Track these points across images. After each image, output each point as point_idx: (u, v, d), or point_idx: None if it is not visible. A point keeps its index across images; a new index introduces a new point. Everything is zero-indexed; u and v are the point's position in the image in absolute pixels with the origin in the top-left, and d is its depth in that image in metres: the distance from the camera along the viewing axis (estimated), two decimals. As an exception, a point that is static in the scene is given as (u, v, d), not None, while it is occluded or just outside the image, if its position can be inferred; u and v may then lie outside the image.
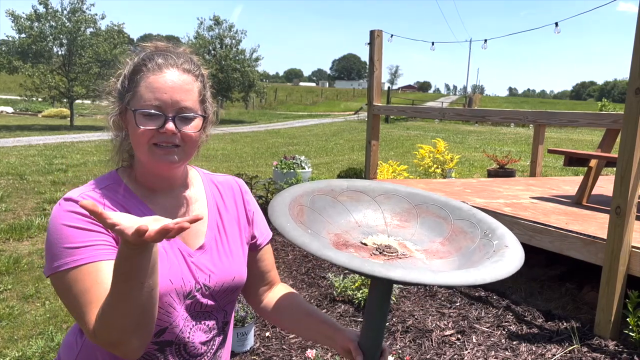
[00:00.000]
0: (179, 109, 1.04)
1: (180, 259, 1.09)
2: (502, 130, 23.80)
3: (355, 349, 1.11)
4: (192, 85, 1.07)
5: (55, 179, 8.42)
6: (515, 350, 2.78)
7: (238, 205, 1.25)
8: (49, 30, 20.89)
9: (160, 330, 1.06)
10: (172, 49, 1.11)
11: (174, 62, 1.06)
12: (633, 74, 2.75)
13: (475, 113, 4.69)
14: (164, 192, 1.14)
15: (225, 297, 1.17)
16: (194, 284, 1.09)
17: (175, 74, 1.05)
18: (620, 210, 2.80)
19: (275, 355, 2.81)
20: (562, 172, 9.81)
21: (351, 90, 77.44)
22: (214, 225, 1.17)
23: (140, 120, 1.03)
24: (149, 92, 1.03)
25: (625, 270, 2.84)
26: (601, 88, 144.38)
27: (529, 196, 4.62)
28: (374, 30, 4.96)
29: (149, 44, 1.12)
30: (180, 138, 1.05)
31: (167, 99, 1.03)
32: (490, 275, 0.89)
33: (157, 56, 1.06)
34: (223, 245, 1.17)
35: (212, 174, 1.28)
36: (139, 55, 1.08)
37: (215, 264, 1.14)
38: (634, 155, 2.75)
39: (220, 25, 30.24)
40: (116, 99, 1.08)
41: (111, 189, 1.09)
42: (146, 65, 1.05)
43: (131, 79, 1.06)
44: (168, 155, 1.05)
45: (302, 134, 20.91)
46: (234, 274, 1.17)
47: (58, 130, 18.89)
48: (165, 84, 1.03)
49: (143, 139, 1.04)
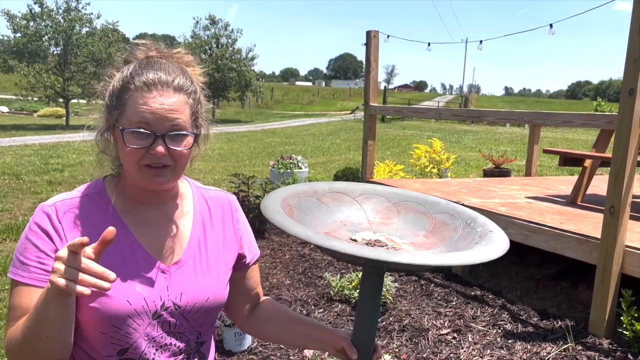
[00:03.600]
0: (169, 128, 1.00)
1: (149, 275, 1.05)
2: (497, 130, 23.87)
3: (349, 346, 1.10)
4: (183, 104, 1.02)
5: (52, 179, 8.41)
6: (511, 348, 2.81)
7: (226, 224, 1.20)
8: (44, 29, 20.82)
9: (121, 350, 1.03)
10: (164, 61, 1.05)
11: (165, 80, 1.00)
12: (627, 75, 2.77)
13: (472, 113, 4.73)
14: (151, 206, 1.10)
15: (199, 317, 1.11)
16: (161, 304, 1.05)
17: (165, 95, 1.00)
18: (614, 210, 2.83)
19: (272, 355, 2.83)
20: (558, 172, 9.85)
21: (347, 90, 77.42)
22: (195, 242, 1.13)
23: (129, 139, 0.99)
24: (137, 112, 0.98)
25: (619, 269, 2.87)
26: (596, 87, 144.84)
27: (524, 196, 4.65)
28: (370, 31, 4.98)
29: (142, 47, 1.07)
30: (170, 157, 1.01)
31: (156, 120, 0.99)
32: (489, 255, 0.94)
33: (147, 71, 1.01)
34: (202, 263, 1.12)
35: (205, 188, 1.23)
36: (127, 69, 1.03)
37: (190, 282, 1.09)
38: (627, 155, 2.78)
39: (216, 24, 30.20)
40: (103, 113, 1.05)
41: (91, 198, 1.07)
42: (134, 83, 0.99)
43: (119, 95, 1.01)
44: (158, 176, 1.02)
45: (299, 133, 20.92)
46: (208, 294, 1.11)
47: (54, 130, 18.83)
48: (155, 104, 0.99)
49: (132, 158, 1.00)
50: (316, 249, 4.67)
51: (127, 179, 1.08)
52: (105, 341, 1.02)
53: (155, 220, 1.10)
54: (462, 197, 4.41)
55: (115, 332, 1.01)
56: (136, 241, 1.06)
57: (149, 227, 1.09)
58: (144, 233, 1.08)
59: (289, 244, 4.85)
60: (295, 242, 4.92)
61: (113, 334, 1.02)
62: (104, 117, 1.05)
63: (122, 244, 1.05)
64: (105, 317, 1.00)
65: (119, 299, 1.01)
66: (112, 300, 1.00)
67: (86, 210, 1.05)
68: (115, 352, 1.04)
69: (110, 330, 1.01)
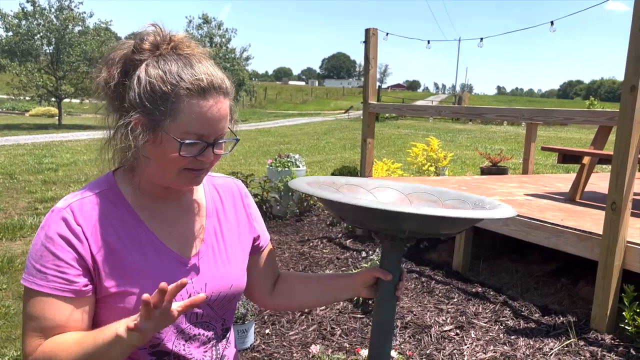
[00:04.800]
0: (219, 136, 1.00)
1: (173, 269, 1.05)
2: (492, 129, 23.96)
3: (381, 271, 1.12)
4: (229, 109, 1.02)
5: (46, 178, 8.35)
6: (514, 344, 2.82)
7: (238, 210, 1.21)
8: (36, 28, 20.67)
9: (152, 345, 1.04)
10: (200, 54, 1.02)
11: (217, 85, 0.97)
12: (628, 72, 2.79)
13: (472, 110, 4.73)
14: (168, 200, 1.09)
15: (223, 305, 1.13)
16: (187, 296, 1.04)
17: (219, 101, 0.98)
18: (616, 206, 2.84)
19: (275, 352, 2.82)
20: (554, 170, 9.91)
21: (341, 89, 77.49)
22: (211, 232, 1.14)
23: (183, 148, 0.96)
24: (195, 122, 0.95)
25: (620, 265, 2.89)
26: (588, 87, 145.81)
27: (523, 193, 4.66)
28: (369, 29, 4.98)
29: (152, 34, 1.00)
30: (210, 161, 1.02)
31: (211, 131, 0.98)
32: (506, 212, 1.04)
33: (195, 73, 0.96)
34: (220, 252, 1.13)
35: (212, 176, 1.22)
36: (170, 68, 0.96)
37: (212, 271, 1.10)
38: (629, 152, 2.79)
39: (209, 23, 30.11)
40: (140, 114, 0.97)
41: (104, 195, 1.04)
42: (188, 88, 0.95)
43: (170, 100, 0.95)
44: (196, 178, 1.03)
45: (293, 132, 20.90)
46: (231, 281, 1.13)
47: (46, 130, 18.70)
48: (213, 116, 0.97)
49: (178, 164, 0.99)
50: (315, 247, 4.66)
51: (147, 175, 1.04)
52: None
53: (172, 214, 1.09)
54: (462, 194, 4.42)
55: None
56: (156, 237, 1.05)
57: (166, 222, 1.08)
58: (163, 228, 1.07)
59: (288, 243, 4.84)
60: (294, 241, 4.91)
61: None
62: (139, 119, 0.97)
63: (142, 242, 1.04)
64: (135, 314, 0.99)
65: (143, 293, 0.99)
66: (137, 296, 1.00)
67: (102, 208, 1.02)
68: (147, 345, 1.04)
69: None
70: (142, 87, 0.96)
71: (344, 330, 3.03)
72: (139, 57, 0.98)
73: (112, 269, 1.00)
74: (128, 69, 0.99)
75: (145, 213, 1.06)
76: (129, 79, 0.98)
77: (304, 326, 3.09)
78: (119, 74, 0.99)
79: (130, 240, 1.02)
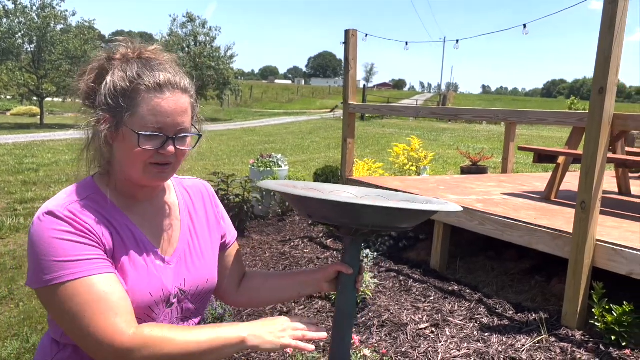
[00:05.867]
0: (179, 130, 1.06)
1: (157, 268, 1.11)
2: (475, 128, 24.17)
3: (342, 265, 1.19)
4: (189, 105, 1.09)
5: (26, 179, 8.26)
6: (487, 341, 2.87)
7: (207, 209, 1.29)
8: (17, 26, 20.40)
9: None
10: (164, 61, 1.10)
11: (174, 82, 1.06)
12: (597, 73, 2.86)
13: (449, 112, 4.80)
14: (143, 201, 1.15)
15: (200, 299, 1.20)
16: (171, 291, 1.12)
17: (176, 96, 1.05)
18: (585, 205, 2.91)
19: (253, 352, 2.84)
20: (533, 169, 10.04)
21: (327, 88, 77.54)
22: (186, 230, 1.21)
23: (142, 141, 1.03)
24: (152, 115, 1.03)
25: (590, 262, 2.96)
26: (571, 86, 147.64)
27: (500, 192, 4.74)
28: (348, 30, 5.02)
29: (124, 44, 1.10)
30: (174, 156, 1.08)
31: (169, 122, 1.04)
32: (453, 207, 1.15)
33: (155, 72, 1.05)
34: (195, 249, 1.20)
35: (181, 178, 1.30)
36: (131, 69, 1.05)
37: (189, 268, 1.17)
38: (598, 152, 2.86)
39: (193, 22, 29.94)
40: (105, 112, 1.05)
41: (93, 199, 1.08)
42: (145, 84, 1.03)
43: (129, 96, 1.03)
44: (162, 173, 1.08)
45: (279, 131, 20.89)
46: (207, 276, 1.21)
47: (28, 129, 18.48)
48: (169, 108, 1.04)
49: (141, 158, 1.04)
50: (296, 247, 4.69)
51: (120, 176, 1.10)
52: None
53: (149, 213, 1.15)
54: (440, 193, 4.47)
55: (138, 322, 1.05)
56: (144, 236, 1.12)
57: (146, 221, 1.14)
58: (145, 228, 1.13)
59: (269, 242, 4.86)
60: (275, 241, 4.93)
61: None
62: (107, 117, 1.05)
63: (136, 240, 1.10)
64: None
65: (141, 292, 1.06)
66: (136, 294, 1.05)
67: (97, 210, 1.06)
68: None
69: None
70: (107, 88, 1.05)
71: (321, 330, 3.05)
72: (109, 66, 1.08)
73: (116, 261, 1.05)
74: (100, 77, 1.08)
75: (127, 212, 1.12)
76: (100, 85, 1.08)
77: (282, 326, 3.12)
78: (93, 82, 1.09)
79: (127, 238, 1.08)
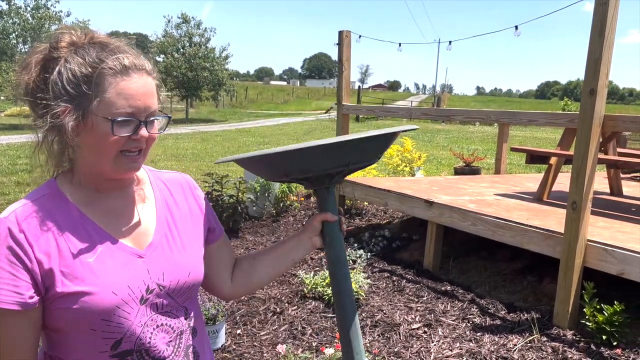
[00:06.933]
0: (149, 114, 1.02)
1: (128, 263, 1.05)
2: (469, 129, 24.25)
3: (327, 214, 1.22)
4: (155, 87, 1.04)
5: (20, 180, 8.23)
6: (479, 341, 2.89)
7: (189, 202, 1.22)
8: (12, 27, 20.33)
9: (116, 342, 1.02)
10: (121, 44, 1.04)
11: (139, 64, 1.01)
12: (588, 75, 2.88)
13: (442, 112, 4.82)
14: (111, 194, 1.09)
15: (183, 294, 1.13)
16: (145, 287, 1.05)
17: (143, 78, 1.01)
18: (576, 206, 2.94)
19: (246, 352, 2.85)
20: (526, 170, 10.08)
21: (322, 89, 77.59)
22: (163, 221, 1.14)
23: (116, 128, 0.98)
24: (122, 99, 0.98)
25: (581, 262, 2.98)
26: (565, 88, 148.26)
27: (493, 193, 4.76)
28: (342, 31, 5.03)
29: (67, 32, 1.02)
30: (145, 141, 1.03)
31: (141, 106, 1.00)
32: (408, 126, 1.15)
33: (117, 55, 0.99)
34: (175, 241, 1.14)
35: (159, 172, 1.24)
36: (89, 54, 0.99)
37: (168, 261, 1.10)
38: (588, 153, 2.89)
39: (188, 23, 29.87)
40: (66, 102, 0.98)
41: (45, 199, 1.03)
42: (110, 67, 0.97)
43: (94, 82, 0.97)
44: (134, 162, 1.04)
45: (274, 132, 20.89)
46: (189, 269, 1.13)
47: (22, 130, 18.35)
48: (138, 90, 0.99)
49: (115, 147, 1.00)
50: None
51: (83, 171, 1.05)
52: (97, 337, 1.01)
53: (118, 207, 1.09)
54: (433, 194, 4.49)
55: (106, 325, 1.00)
56: (105, 232, 1.05)
57: (113, 215, 1.08)
58: (111, 222, 1.07)
59: (263, 243, 4.87)
60: (269, 242, 4.94)
61: (104, 328, 1.00)
62: (66, 108, 0.98)
63: (92, 239, 1.03)
64: (93, 313, 0.99)
65: (103, 292, 1.00)
66: (96, 295, 0.99)
67: (46, 212, 1.01)
68: (108, 347, 1.02)
69: (101, 326, 1.00)
70: (64, 78, 0.98)
71: (314, 330, 3.07)
72: (57, 55, 1.00)
73: (63, 270, 0.99)
74: (47, 68, 1.00)
75: (90, 209, 1.06)
76: (50, 76, 0.99)
77: (275, 326, 3.13)
78: (39, 75, 1.00)
79: (80, 239, 1.02)
